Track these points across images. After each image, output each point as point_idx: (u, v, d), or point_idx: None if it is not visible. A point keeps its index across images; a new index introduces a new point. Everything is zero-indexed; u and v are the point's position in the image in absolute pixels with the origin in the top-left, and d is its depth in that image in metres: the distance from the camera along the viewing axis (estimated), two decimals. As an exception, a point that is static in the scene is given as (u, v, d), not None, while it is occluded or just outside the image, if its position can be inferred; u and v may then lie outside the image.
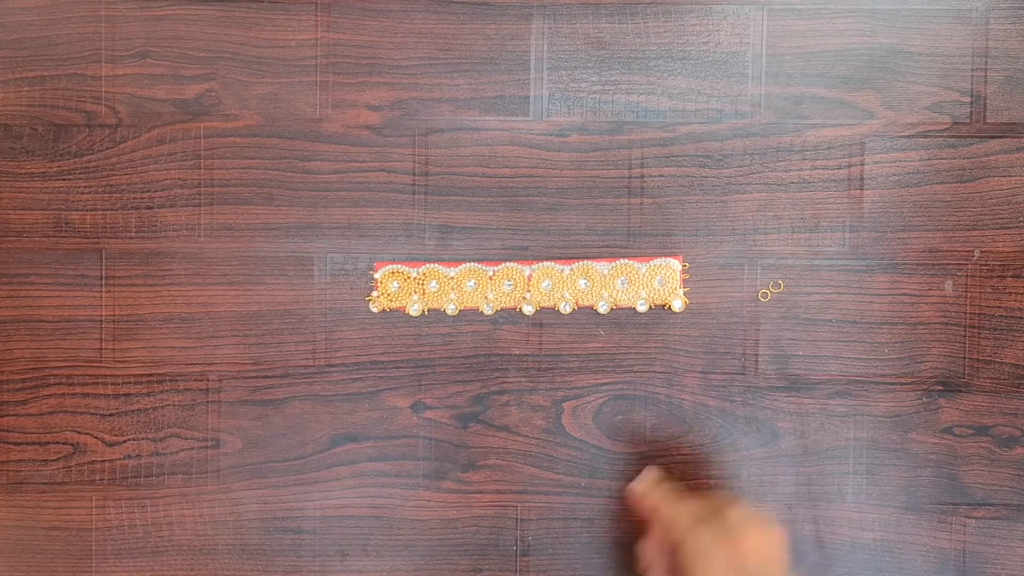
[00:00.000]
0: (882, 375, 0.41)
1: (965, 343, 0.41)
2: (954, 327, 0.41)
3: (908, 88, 0.41)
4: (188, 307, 0.41)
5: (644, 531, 0.38)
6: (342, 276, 0.41)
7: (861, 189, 0.41)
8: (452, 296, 0.41)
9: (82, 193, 0.41)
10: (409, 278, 0.41)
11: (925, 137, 0.41)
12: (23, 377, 0.41)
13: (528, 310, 0.41)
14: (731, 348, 0.41)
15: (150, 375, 0.41)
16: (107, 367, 0.41)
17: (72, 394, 0.41)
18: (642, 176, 0.41)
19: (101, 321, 0.41)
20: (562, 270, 0.41)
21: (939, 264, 0.41)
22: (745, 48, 0.41)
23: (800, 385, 0.41)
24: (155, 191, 0.41)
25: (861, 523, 0.41)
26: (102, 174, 0.41)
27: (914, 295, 0.41)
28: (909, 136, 0.41)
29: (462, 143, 0.41)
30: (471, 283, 0.41)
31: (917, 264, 0.41)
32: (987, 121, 0.41)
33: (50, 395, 0.41)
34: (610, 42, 0.41)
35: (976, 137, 0.41)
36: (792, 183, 0.41)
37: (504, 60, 0.41)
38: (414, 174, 0.41)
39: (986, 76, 0.41)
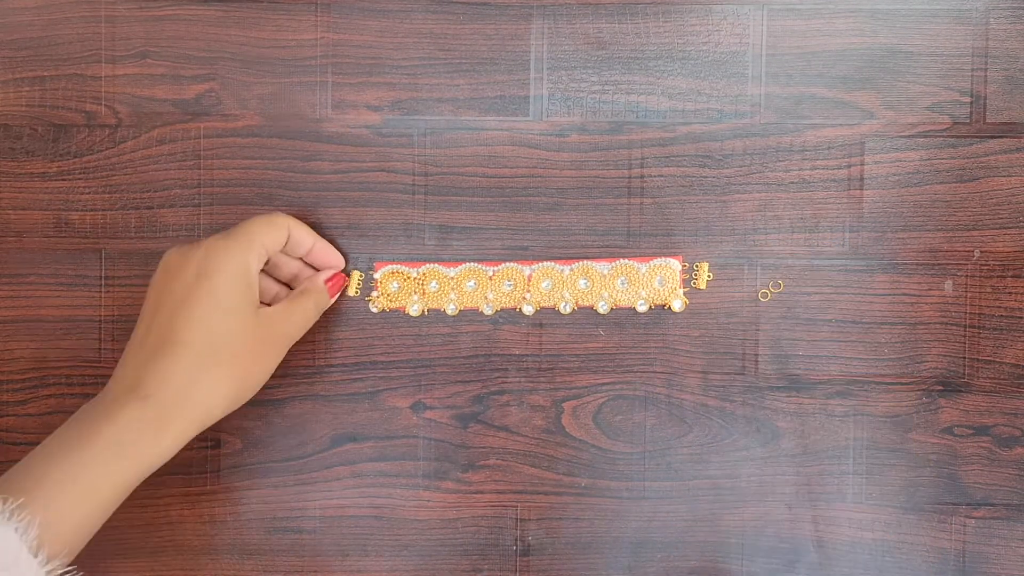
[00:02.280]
0: (882, 375, 0.41)
1: (965, 343, 0.41)
2: (954, 327, 0.41)
3: (908, 88, 0.41)
4: (188, 307, 0.41)
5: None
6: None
7: (861, 189, 0.41)
8: (452, 296, 0.41)
9: (82, 193, 0.41)
10: (409, 278, 0.41)
11: (925, 137, 0.41)
12: (23, 377, 0.41)
13: (528, 310, 0.41)
14: (731, 348, 0.41)
15: (150, 375, 0.41)
16: (107, 367, 0.41)
17: (72, 394, 0.41)
18: (642, 176, 0.41)
19: (101, 321, 0.41)
20: (562, 270, 0.41)
21: (939, 264, 0.41)
22: (745, 48, 0.41)
23: (800, 385, 0.41)
24: (155, 191, 0.41)
25: (861, 523, 0.41)
26: (102, 174, 0.41)
27: (914, 295, 0.41)
28: (909, 136, 0.41)
29: (462, 143, 0.41)
30: (471, 283, 0.41)
31: (917, 264, 0.41)
32: (987, 121, 0.41)
33: (50, 395, 0.41)
34: (610, 42, 0.41)
35: (976, 137, 0.41)
36: (792, 183, 0.41)
37: (504, 60, 0.41)
38: (414, 174, 0.41)
39: (986, 76, 0.41)
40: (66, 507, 0.31)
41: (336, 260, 0.40)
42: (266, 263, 0.37)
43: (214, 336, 0.34)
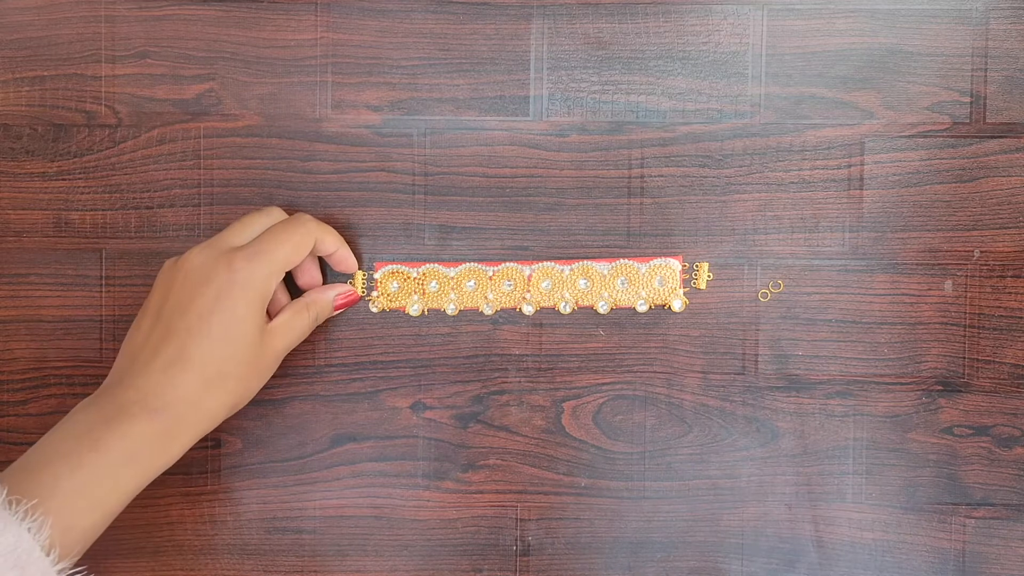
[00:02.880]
0: (882, 375, 0.41)
1: (965, 343, 0.41)
2: (954, 327, 0.41)
3: (908, 88, 0.41)
4: (188, 307, 0.41)
5: None
6: (342, 276, 0.41)
7: (861, 189, 0.41)
8: (452, 296, 0.41)
9: (82, 193, 0.41)
10: (409, 278, 0.41)
11: (925, 137, 0.41)
12: (23, 377, 0.41)
13: (528, 310, 0.41)
14: (731, 348, 0.41)
15: (150, 375, 0.41)
16: (107, 367, 0.41)
17: (72, 394, 0.41)
18: (642, 176, 0.41)
19: (101, 321, 0.41)
20: (562, 270, 0.41)
21: (939, 264, 0.41)
22: (745, 48, 0.41)
23: (800, 385, 0.41)
24: (155, 191, 0.41)
25: (861, 523, 0.41)
26: (102, 174, 0.41)
27: (914, 295, 0.41)
28: (909, 136, 0.41)
29: (462, 143, 0.41)
30: (471, 283, 0.41)
31: (917, 264, 0.41)
32: (987, 121, 0.41)
33: (50, 395, 0.41)
34: (610, 42, 0.41)
35: (976, 137, 0.41)
36: (792, 183, 0.41)
37: (504, 60, 0.41)
38: (414, 174, 0.41)
39: (986, 76, 0.41)
40: (76, 516, 0.32)
41: (352, 265, 0.40)
42: None
43: (225, 359, 0.35)
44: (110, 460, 0.32)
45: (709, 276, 0.41)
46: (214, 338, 0.35)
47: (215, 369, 0.35)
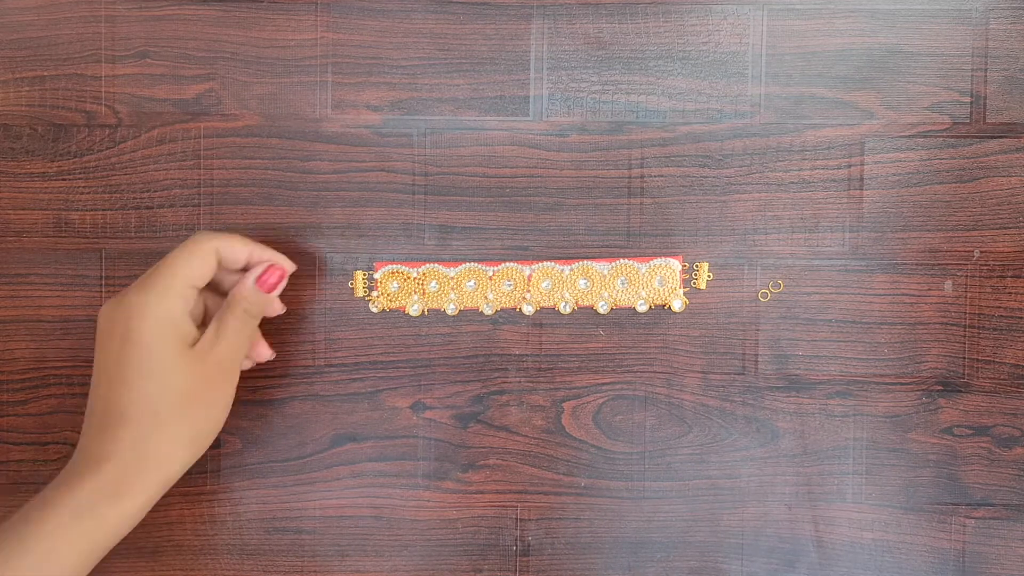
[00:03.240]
0: (882, 375, 0.41)
1: (965, 343, 0.41)
2: (954, 327, 0.41)
3: (908, 88, 0.41)
4: (188, 307, 0.41)
5: None
6: (342, 276, 0.41)
7: (861, 189, 0.41)
8: (452, 296, 0.41)
9: (82, 193, 0.41)
10: (409, 278, 0.41)
11: (925, 137, 0.41)
12: (23, 377, 0.41)
13: (528, 310, 0.41)
14: (731, 348, 0.41)
15: (150, 375, 0.41)
16: (107, 367, 0.41)
17: (72, 394, 0.41)
18: (642, 176, 0.41)
19: (101, 321, 0.41)
20: (562, 270, 0.41)
21: (939, 264, 0.41)
22: (745, 48, 0.41)
23: (800, 385, 0.41)
24: (155, 191, 0.41)
25: (861, 523, 0.41)
26: (102, 174, 0.41)
27: (914, 295, 0.41)
28: (909, 136, 0.41)
29: (462, 143, 0.41)
30: (471, 283, 0.41)
31: (917, 264, 0.41)
32: (987, 121, 0.41)
33: (50, 395, 0.41)
34: (610, 42, 0.41)
35: (976, 137, 0.41)
36: (792, 183, 0.41)
37: (504, 60, 0.41)
38: (414, 174, 0.41)
39: (986, 76, 0.41)
40: (25, 571, 0.32)
41: (283, 262, 0.38)
42: (210, 282, 0.37)
43: (152, 401, 0.34)
44: (58, 515, 0.32)
45: (709, 276, 0.41)
46: (132, 386, 0.33)
47: (148, 412, 0.33)
